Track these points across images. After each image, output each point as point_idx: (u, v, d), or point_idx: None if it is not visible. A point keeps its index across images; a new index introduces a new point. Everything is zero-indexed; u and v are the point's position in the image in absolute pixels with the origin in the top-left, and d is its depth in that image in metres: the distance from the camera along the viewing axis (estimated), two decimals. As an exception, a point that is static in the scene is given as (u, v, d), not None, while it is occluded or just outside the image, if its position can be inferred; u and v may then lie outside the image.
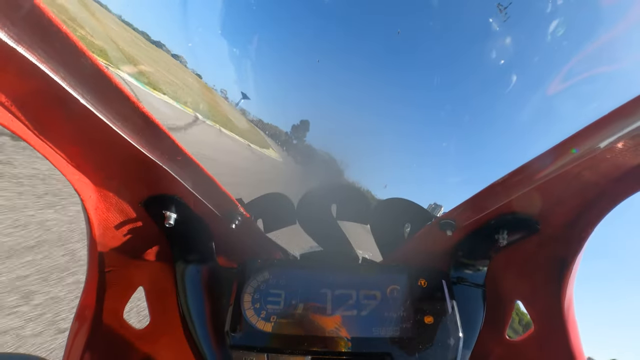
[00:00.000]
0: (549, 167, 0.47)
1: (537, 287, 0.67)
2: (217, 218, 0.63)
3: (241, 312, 0.55)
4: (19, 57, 0.29)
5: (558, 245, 0.61)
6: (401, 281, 0.62)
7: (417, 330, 0.56)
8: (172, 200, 0.59)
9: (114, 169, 0.52)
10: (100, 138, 0.45)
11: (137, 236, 0.63)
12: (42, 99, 0.38)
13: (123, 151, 0.47)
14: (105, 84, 0.36)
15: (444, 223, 0.65)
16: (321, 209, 0.84)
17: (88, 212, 0.53)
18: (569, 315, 0.61)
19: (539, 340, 0.66)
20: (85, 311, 0.57)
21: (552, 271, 0.63)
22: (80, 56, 0.33)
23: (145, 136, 0.44)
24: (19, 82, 0.35)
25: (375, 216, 0.86)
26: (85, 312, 0.57)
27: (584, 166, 0.46)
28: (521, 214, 0.60)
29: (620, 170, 0.47)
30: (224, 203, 0.62)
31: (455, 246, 0.69)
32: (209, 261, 0.64)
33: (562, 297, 0.61)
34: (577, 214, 0.56)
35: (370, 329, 0.56)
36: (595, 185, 0.50)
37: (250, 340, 0.53)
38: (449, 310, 0.59)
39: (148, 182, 0.56)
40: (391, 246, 0.86)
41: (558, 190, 0.54)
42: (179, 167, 0.52)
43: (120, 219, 0.58)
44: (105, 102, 0.38)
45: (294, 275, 0.61)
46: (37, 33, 0.29)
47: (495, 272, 0.69)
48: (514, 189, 0.53)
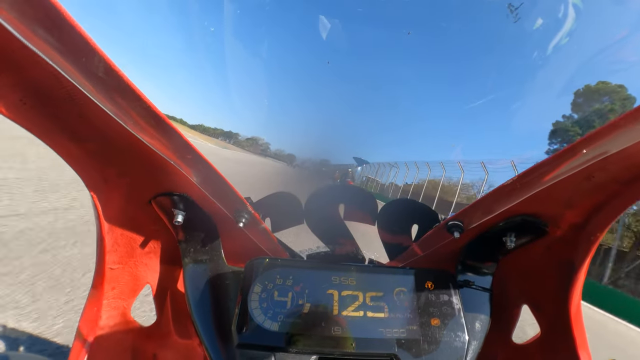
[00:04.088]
0: (559, 169, 0.46)
1: (544, 291, 0.67)
2: (226, 217, 0.63)
3: (248, 311, 0.55)
4: (32, 55, 0.30)
5: (567, 249, 0.60)
6: (408, 283, 0.62)
7: (424, 332, 0.56)
8: (181, 199, 0.59)
9: (125, 167, 0.53)
10: (111, 136, 0.46)
11: (145, 234, 0.64)
12: (54, 97, 0.38)
13: (134, 149, 0.47)
14: (117, 82, 0.36)
15: (452, 225, 0.64)
16: (328, 209, 0.84)
17: (98, 209, 0.53)
18: (576, 320, 0.60)
19: (546, 345, 0.66)
20: (93, 308, 0.57)
21: (560, 275, 0.62)
22: (92, 54, 0.33)
23: (156, 134, 0.45)
24: (31, 80, 0.35)
25: (382, 217, 0.86)
26: (93, 309, 0.57)
27: (594, 168, 0.46)
28: (529, 217, 0.59)
29: (631, 173, 0.46)
30: (232, 202, 0.62)
31: (463, 248, 0.69)
32: (216, 259, 0.64)
33: (570, 302, 0.61)
34: (587, 216, 0.55)
35: (377, 330, 0.56)
36: (605, 187, 0.50)
37: (257, 339, 0.53)
38: (456, 313, 0.59)
39: (158, 180, 0.57)
40: (398, 247, 0.86)
41: (567, 192, 0.53)
42: (188, 165, 0.52)
43: (129, 216, 0.59)
44: (116, 100, 0.38)
45: (301, 275, 0.60)
46: (50, 31, 0.29)
47: (502, 275, 0.69)
48: (523, 191, 0.53)
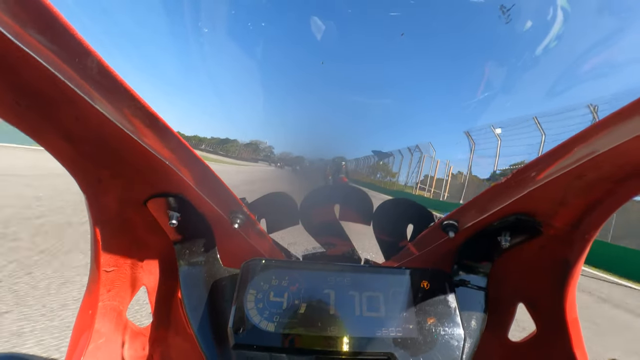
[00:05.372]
0: (551, 168, 0.47)
1: (539, 289, 0.67)
2: (221, 218, 0.63)
3: (244, 312, 0.55)
4: (26, 56, 0.30)
5: (561, 247, 0.61)
6: (403, 283, 0.62)
7: (420, 331, 0.56)
8: (176, 200, 0.59)
9: (119, 168, 0.52)
10: (106, 136, 0.45)
11: (140, 235, 0.64)
12: (49, 98, 0.38)
13: (128, 149, 0.47)
14: (111, 82, 0.36)
15: (447, 224, 0.65)
16: (324, 210, 0.84)
17: (92, 211, 0.53)
18: (571, 317, 0.61)
19: (542, 343, 0.66)
20: (88, 310, 0.57)
21: (555, 273, 0.63)
22: (86, 55, 0.33)
23: (151, 134, 0.45)
24: (25, 81, 0.35)
25: (377, 217, 0.86)
26: (88, 312, 0.57)
27: (587, 167, 0.46)
28: (524, 216, 0.60)
29: (623, 172, 0.47)
30: (227, 203, 0.62)
31: (458, 248, 0.69)
32: (212, 261, 0.64)
33: (565, 299, 0.61)
34: (581, 215, 0.56)
35: (373, 329, 0.56)
36: (598, 186, 0.50)
37: (253, 340, 0.53)
38: (452, 312, 0.59)
39: (152, 181, 0.57)
40: (393, 247, 0.86)
41: (560, 191, 0.54)
42: (183, 165, 0.52)
43: (123, 217, 0.59)
44: (111, 101, 0.38)
45: (297, 275, 0.61)
46: (43, 32, 0.29)
47: (497, 274, 0.69)
48: (516, 190, 0.53)
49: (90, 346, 0.55)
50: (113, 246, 0.59)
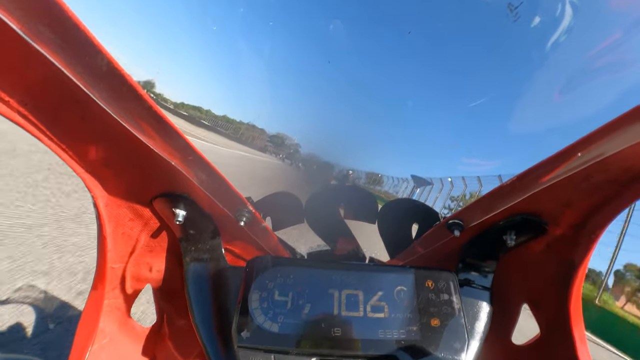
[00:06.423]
0: (558, 169, 0.47)
1: (544, 290, 0.67)
2: (226, 216, 0.63)
3: (248, 312, 0.55)
4: (34, 54, 0.29)
5: (567, 247, 0.60)
6: (408, 282, 0.62)
7: (424, 333, 0.56)
8: (181, 198, 0.59)
9: (126, 167, 0.52)
10: (112, 136, 0.45)
11: (146, 234, 0.64)
12: (56, 97, 0.38)
13: (135, 149, 0.47)
14: (120, 82, 0.36)
15: (452, 223, 0.64)
16: (329, 208, 0.84)
17: (99, 209, 0.53)
18: (576, 319, 0.60)
19: (545, 346, 0.66)
20: (93, 308, 0.57)
21: (560, 274, 0.62)
22: (95, 53, 0.32)
23: (158, 135, 0.45)
24: (32, 80, 0.35)
25: (382, 216, 0.86)
26: (93, 309, 0.57)
27: (593, 169, 0.46)
28: (529, 215, 0.60)
29: (629, 174, 0.47)
30: (233, 201, 0.62)
31: (463, 247, 0.69)
32: (217, 259, 0.64)
33: (570, 301, 0.61)
34: (587, 215, 0.56)
35: (377, 330, 0.56)
36: (604, 188, 0.50)
37: (257, 340, 0.53)
38: (456, 313, 0.59)
39: (159, 180, 0.57)
40: (398, 246, 0.86)
41: (567, 192, 0.54)
42: (189, 166, 0.52)
43: (130, 216, 0.59)
44: (118, 101, 0.38)
45: (302, 274, 0.60)
46: (52, 28, 0.29)
47: (502, 274, 0.69)
48: (523, 190, 0.53)
49: (95, 346, 0.55)
50: (119, 244, 0.59)
